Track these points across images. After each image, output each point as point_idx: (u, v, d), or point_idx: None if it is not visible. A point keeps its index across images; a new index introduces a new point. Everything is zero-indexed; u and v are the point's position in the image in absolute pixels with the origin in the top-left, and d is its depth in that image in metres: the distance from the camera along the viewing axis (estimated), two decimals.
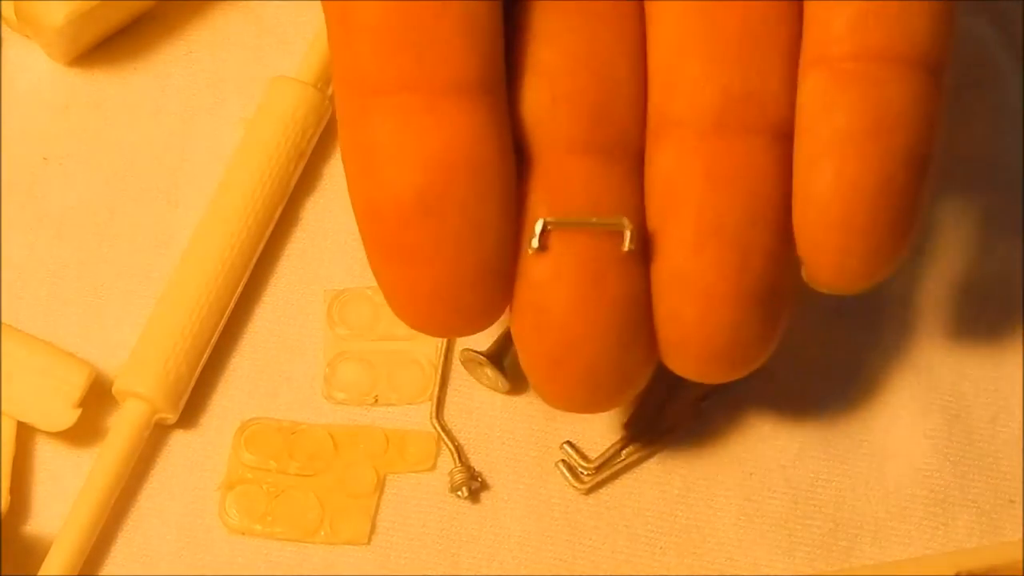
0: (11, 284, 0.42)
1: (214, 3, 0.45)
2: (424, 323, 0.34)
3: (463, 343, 0.41)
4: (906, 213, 0.33)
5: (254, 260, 0.42)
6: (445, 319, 0.34)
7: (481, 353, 0.40)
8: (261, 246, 0.42)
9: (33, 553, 0.39)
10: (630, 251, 0.33)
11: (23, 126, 0.43)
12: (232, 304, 0.41)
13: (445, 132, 0.32)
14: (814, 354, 0.42)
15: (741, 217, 0.33)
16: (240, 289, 0.41)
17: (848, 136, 0.32)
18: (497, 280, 0.33)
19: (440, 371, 0.41)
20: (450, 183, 0.32)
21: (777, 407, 0.41)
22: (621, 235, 0.33)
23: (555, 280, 0.33)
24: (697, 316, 0.33)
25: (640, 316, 0.34)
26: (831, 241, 0.33)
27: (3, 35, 0.44)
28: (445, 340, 0.41)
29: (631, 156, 0.34)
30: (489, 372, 0.41)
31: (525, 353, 0.34)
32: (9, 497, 0.39)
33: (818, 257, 0.33)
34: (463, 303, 0.33)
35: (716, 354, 0.34)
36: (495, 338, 0.41)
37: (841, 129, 0.32)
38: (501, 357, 0.41)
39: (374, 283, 0.42)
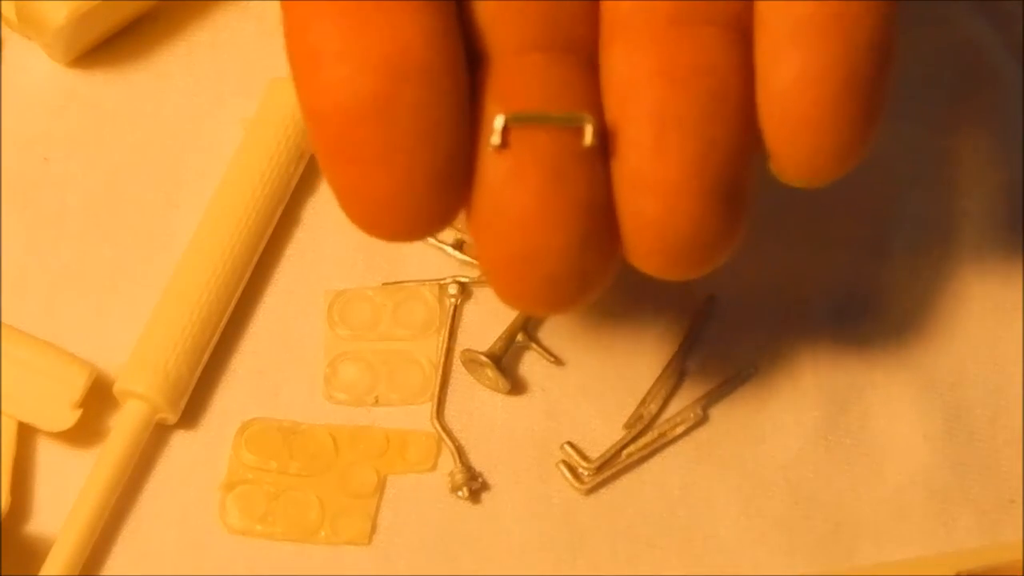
0: (11, 284, 0.42)
1: (214, 3, 0.45)
2: (377, 226, 0.33)
3: (463, 344, 0.41)
4: (872, 103, 0.32)
5: (254, 260, 0.42)
6: (398, 222, 0.33)
7: (482, 353, 0.40)
8: (261, 246, 0.42)
9: (34, 553, 0.39)
10: (591, 147, 0.32)
11: (23, 126, 0.43)
12: (232, 304, 0.41)
13: (394, 34, 0.31)
14: (813, 354, 0.42)
15: (700, 113, 0.32)
16: (240, 289, 0.41)
17: (809, 27, 0.32)
18: (451, 183, 0.33)
19: (440, 371, 0.41)
20: (400, 85, 0.31)
21: (777, 407, 0.41)
22: (581, 131, 0.32)
23: (515, 178, 0.32)
24: (658, 213, 0.33)
25: (601, 214, 0.33)
26: (798, 134, 0.32)
27: (3, 35, 0.44)
28: (446, 341, 0.41)
29: (585, 58, 0.34)
30: (490, 372, 0.41)
31: (485, 254, 0.33)
32: (10, 497, 0.39)
33: (785, 150, 0.33)
34: (416, 206, 0.33)
35: (678, 251, 0.33)
36: (496, 338, 0.41)
37: (802, 20, 0.32)
38: (501, 357, 0.41)
39: (374, 283, 0.42)
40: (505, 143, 0.32)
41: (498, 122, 0.32)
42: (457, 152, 0.32)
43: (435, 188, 0.32)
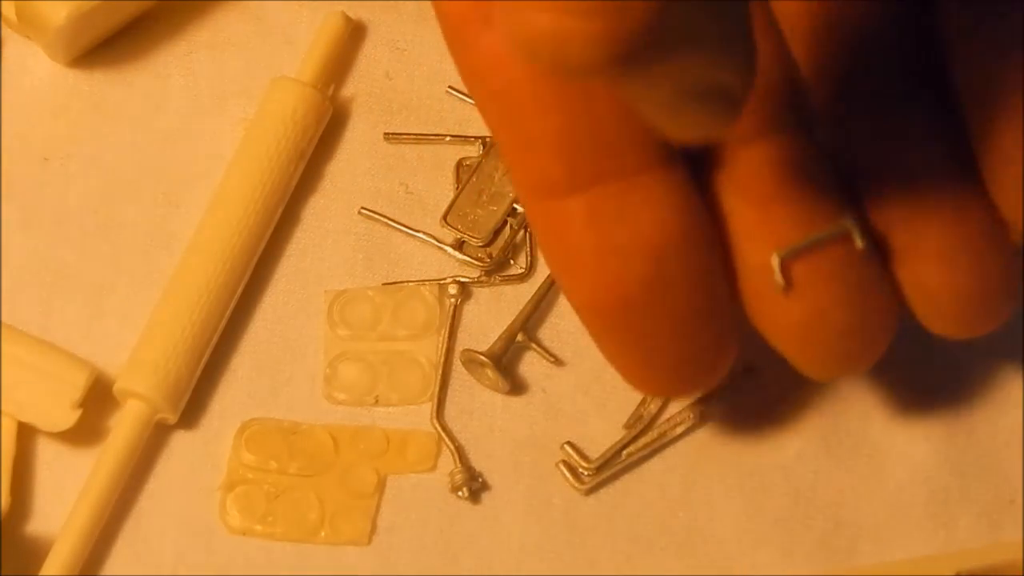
0: (11, 284, 0.42)
1: (214, 3, 0.45)
2: (669, 391, 0.36)
3: (463, 344, 0.41)
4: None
5: (254, 260, 0.42)
6: (688, 381, 0.35)
7: (482, 353, 0.40)
8: (261, 246, 0.42)
9: (34, 553, 0.39)
10: (863, 247, 0.33)
11: (23, 126, 0.43)
12: (232, 304, 0.41)
13: (648, 218, 0.33)
14: None
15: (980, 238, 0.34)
16: (240, 289, 0.41)
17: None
18: (726, 333, 0.34)
19: (441, 372, 0.41)
20: (666, 264, 0.33)
21: (777, 407, 0.41)
22: (850, 237, 0.33)
23: (817, 310, 0.34)
24: (941, 281, 0.34)
25: (879, 289, 0.34)
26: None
27: (3, 35, 0.44)
28: (446, 341, 0.41)
29: None
30: (490, 372, 0.41)
31: (800, 361, 0.35)
32: (10, 497, 0.39)
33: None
34: (701, 361, 0.34)
35: (966, 313, 0.35)
36: (496, 338, 0.41)
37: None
38: (502, 357, 0.41)
39: (374, 283, 0.42)
40: (789, 281, 0.33)
41: (775, 262, 0.33)
42: (726, 304, 0.34)
43: (714, 342, 0.34)
